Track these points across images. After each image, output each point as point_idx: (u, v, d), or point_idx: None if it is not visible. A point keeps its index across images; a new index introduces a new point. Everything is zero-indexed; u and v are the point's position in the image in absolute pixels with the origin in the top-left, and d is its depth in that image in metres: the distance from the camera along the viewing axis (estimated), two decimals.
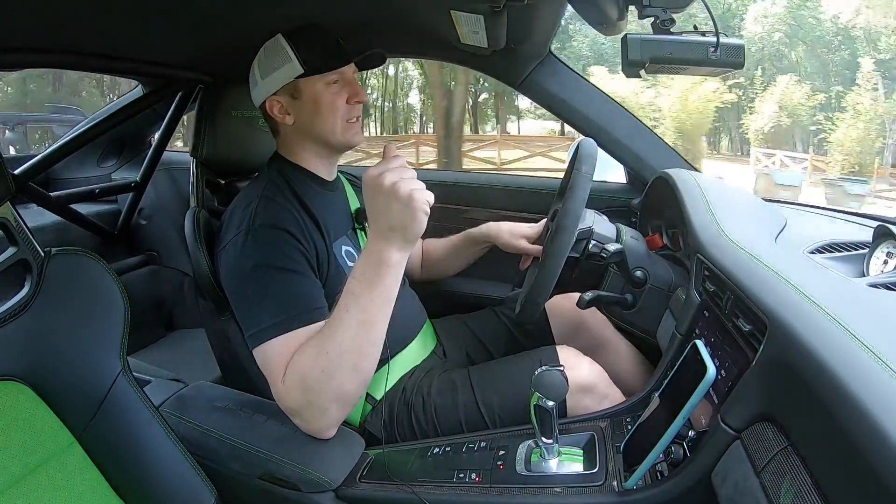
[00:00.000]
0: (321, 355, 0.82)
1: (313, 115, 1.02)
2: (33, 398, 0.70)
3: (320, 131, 1.04)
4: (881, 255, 0.86)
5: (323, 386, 0.82)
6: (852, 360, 0.50)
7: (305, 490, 0.86)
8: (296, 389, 0.84)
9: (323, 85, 1.01)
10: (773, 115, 16.20)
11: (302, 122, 1.04)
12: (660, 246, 1.23)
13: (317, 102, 1.01)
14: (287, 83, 1.01)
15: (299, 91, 1.02)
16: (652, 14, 0.78)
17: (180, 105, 1.60)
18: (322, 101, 1.01)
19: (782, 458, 0.54)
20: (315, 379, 0.82)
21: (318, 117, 1.02)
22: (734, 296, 0.74)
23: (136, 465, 0.75)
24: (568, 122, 1.49)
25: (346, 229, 1.08)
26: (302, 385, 0.83)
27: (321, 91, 1.01)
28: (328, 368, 0.82)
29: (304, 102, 1.02)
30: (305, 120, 1.03)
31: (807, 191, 11.45)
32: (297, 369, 0.84)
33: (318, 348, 0.83)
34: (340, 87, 1.03)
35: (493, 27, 0.98)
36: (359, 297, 0.83)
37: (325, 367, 0.82)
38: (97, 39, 1.07)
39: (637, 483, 0.75)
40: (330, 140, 1.05)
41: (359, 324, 0.82)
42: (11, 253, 0.70)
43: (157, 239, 1.92)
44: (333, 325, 0.84)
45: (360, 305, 0.82)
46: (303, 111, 1.03)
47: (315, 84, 1.01)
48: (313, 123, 1.03)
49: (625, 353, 1.23)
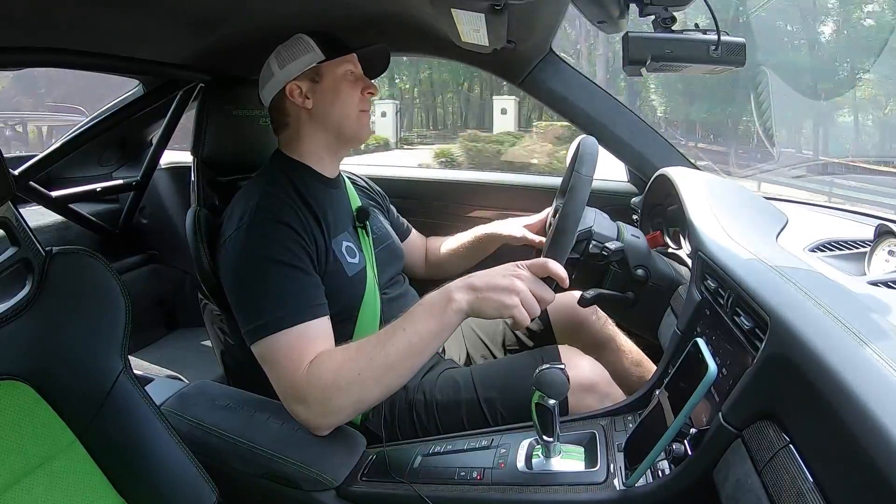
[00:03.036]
0: (361, 359, 0.84)
1: (333, 98, 1.06)
2: (35, 397, 0.70)
3: (338, 116, 1.07)
4: (882, 253, 0.86)
5: (353, 387, 0.84)
6: (853, 358, 0.50)
7: (307, 488, 0.86)
8: (322, 381, 0.85)
9: (342, 72, 1.06)
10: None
11: (320, 107, 1.06)
12: (661, 244, 1.23)
13: (336, 87, 1.06)
14: (308, 69, 1.04)
15: (320, 75, 1.06)
16: (653, 12, 0.78)
17: (181, 104, 1.60)
18: (342, 87, 1.06)
19: (783, 456, 0.54)
20: (347, 380, 0.84)
21: (337, 101, 1.06)
22: (735, 294, 0.74)
23: (137, 464, 0.75)
24: (569, 119, 1.49)
25: (347, 227, 1.08)
26: (331, 381, 0.84)
27: (340, 77, 1.06)
28: (365, 373, 0.84)
29: (324, 87, 1.06)
30: (324, 104, 1.06)
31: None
32: (330, 365, 0.85)
33: (360, 352, 0.86)
34: (355, 78, 1.08)
35: (494, 25, 0.97)
36: (417, 320, 0.85)
37: (364, 370, 0.84)
38: (97, 39, 1.07)
39: (638, 481, 0.75)
40: (345, 125, 1.08)
41: (409, 345, 0.84)
42: (13, 252, 0.70)
43: (159, 238, 1.92)
44: (384, 336, 0.86)
45: (415, 328, 0.85)
46: (324, 95, 1.06)
47: (336, 69, 1.06)
48: (332, 107, 1.06)
49: (626, 351, 1.23)
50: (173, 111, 1.62)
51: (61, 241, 0.92)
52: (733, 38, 0.78)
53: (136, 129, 1.84)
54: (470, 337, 1.28)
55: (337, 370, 0.85)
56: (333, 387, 0.84)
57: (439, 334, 0.86)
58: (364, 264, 1.06)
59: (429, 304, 0.86)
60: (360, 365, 0.84)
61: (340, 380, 0.84)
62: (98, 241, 1.77)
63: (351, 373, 0.84)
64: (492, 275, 0.85)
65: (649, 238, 1.15)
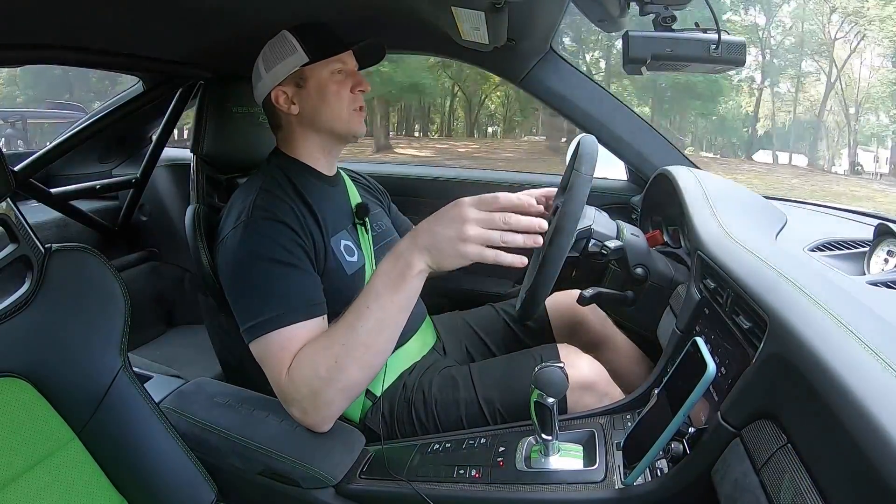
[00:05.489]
0: (335, 346, 0.84)
1: (319, 103, 1.03)
2: (34, 394, 0.70)
3: (326, 119, 1.05)
4: (882, 253, 0.86)
5: (333, 375, 0.83)
6: (852, 358, 0.50)
7: (305, 486, 0.86)
8: (304, 379, 0.85)
9: (328, 73, 1.03)
10: None
11: (307, 111, 1.04)
12: (660, 243, 1.23)
13: (322, 90, 1.03)
14: (293, 72, 1.02)
15: (304, 79, 1.03)
16: (653, 11, 0.78)
17: (181, 101, 1.59)
18: (327, 89, 1.03)
19: (782, 455, 0.54)
20: (327, 368, 0.83)
21: (323, 105, 1.03)
22: (734, 293, 0.74)
23: (136, 462, 0.75)
24: (569, 118, 1.49)
25: (346, 224, 1.08)
26: (312, 374, 0.84)
27: (326, 79, 1.03)
28: (341, 358, 0.83)
29: (309, 90, 1.03)
30: (311, 108, 1.04)
31: None
32: (307, 360, 0.85)
33: (332, 339, 0.85)
34: (344, 76, 1.04)
35: (494, 23, 0.97)
36: (380, 294, 0.84)
37: (339, 356, 0.83)
38: (98, 36, 1.07)
39: (637, 480, 0.75)
40: (335, 128, 1.06)
41: (377, 321, 0.84)
42: (12, 249, 0.70)
43: (158, 235, 1.92)
44: (351, 317, 0.85)
45: (379, 303, 0.83)
46: (308, 100, 1.04)
47: (320, 72, 1.03)
48: (318, 112, 1.04)
49: (625, 350, 1.23)
50: (173, 108, 1.62)
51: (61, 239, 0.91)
52: (733, 38, 0.78)
53: (135, 126, 1.84)
54: (469, 336, 1.28)
55: (314, 364, 0.84)
56: (316, 380, 0.84)
57: (407, 301, 0.84)
58: (363, 262, 1.06)
59: (386, 275, 0.83)
60: (336, 351, 0.83)
61: (321, 371, 0.83)
62: (97, 239, 1.77)
63: (328, 361, 0.83)
64: (436, 223, 0.81)
65: (649, 237, 1.15)
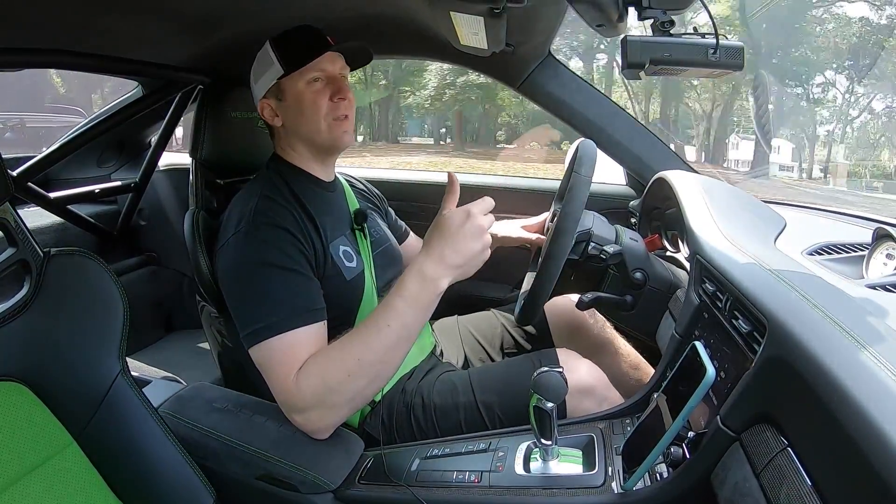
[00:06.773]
0: (349, 359, 0.84)
1: (297, 115, 1.02)
2: (32, 398, 0.70)
3: (306, 131, 1.04)
4: (881, 256, 0.86)
5: (344, 387, 0.84)
6: (851, 361, 0.50)
7: (304, 491, 0.86)
8: (311, 388, 0.84)
9: (304, 83, 1.01)
10: None
11: (289, 124, 1.04)
12: (659, 247, 1.23)
13: (299, 101, 1.01)
14: (272, 86, 1.02)
15: (283, 92, 1.02)
16: (652, 16, 0.78)
17: (180, 106, 1.60)
18: (304, 100, 1.01)
19: (781, 459, 0.54)
20: (338, 381, 0.83)
21: (301, 117, 1.02)
22: (733, 297, 0.74)
23: (134, 466, 0.75)
24: (568, 123, 1.49)
25: (345, 230, 1.08)
26: (321, 384, 0.84)
27: (302, 90, 1.01)
28: (355, 373, 0.83)
29: (288, 103, 1.03)
30: (291, 121, 1.04)
31: None
32: (317, 370, 0.85)
33: (346, 352, 0.84)
34: (323, 84, 1.02)
35: (493, 29, 0.98)
36: (403, 314, 0.84)
37: (353, 371, 0.83)
38: (97, 40, 1.07)
39: (636, 484, 0.75)
40: (316, 140, 1.04)
41: (398, 339, 0.84)
42: (11, 253, 0.70)
43: (157, 240, 1.92)
44: (369, 333, 0.84)
45: (402, 322, 0.84)
46: (288, 112, 1.03)
47: (296, 83, 1.01)
48: (298, 124, 1.03)
49: (624, 354, 1.23)
50: (172, 113, 1.62)
51: (59, 243, 0.92)
52: (732, 42, 0.78)
53: (134, 130, 1.84)
54: (468, 340, 1.28)
55: (324, 375, 0.84)
56: (324, 390, 0.84)
57: (425, 319, 0.87)
58: (362, 268, 1.06)
59: (414, 299, 0.84)
60: (349, 365, 0.83)
61: (331, 382, 0.84)
62: (96, 243, 1.77)
63: (340, 375, 0.83)
64: (461, 242, 0.83)
65: (647, 241, 1.15)
